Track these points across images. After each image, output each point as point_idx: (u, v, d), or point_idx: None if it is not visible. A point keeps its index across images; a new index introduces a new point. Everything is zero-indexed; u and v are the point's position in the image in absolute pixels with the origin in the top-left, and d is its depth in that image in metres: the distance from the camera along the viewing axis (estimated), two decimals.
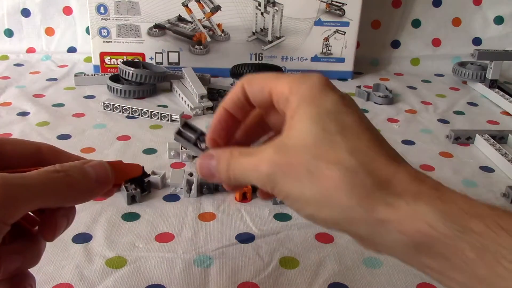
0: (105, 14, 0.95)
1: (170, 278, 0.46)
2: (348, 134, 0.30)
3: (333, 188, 0.28)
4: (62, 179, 0.29)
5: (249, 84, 0.33)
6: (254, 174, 0.31)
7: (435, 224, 0.26)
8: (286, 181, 0.30)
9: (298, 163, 0.29)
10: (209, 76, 0.96)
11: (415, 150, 0.74)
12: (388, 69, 1.11)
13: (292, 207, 0.31)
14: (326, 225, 0.30)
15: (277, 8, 0.97)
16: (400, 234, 0.27)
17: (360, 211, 0.28)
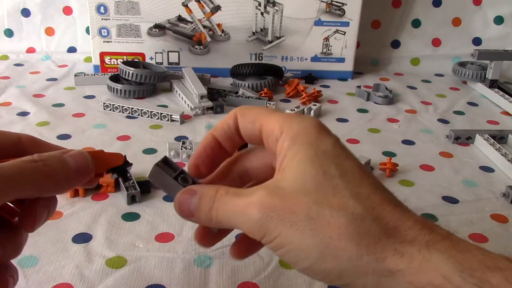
0: (105, 14, 0.95)
1: (170, 278, 0.46)
2: (350, 178, 0.28)
3: (338, 236, 0.26)
4: (39, 168, 0.28)
5: (242, 114, 0.32)
6: (241, 218, 0.28)
7: (450, 275, 0.24)
8: (281, 228, 0.27)
9: (296, 209, 0.27)
10: (209, 76, 0.96)
11: (415, 150, 0.74)
12: (388, 69, 1.11)
13: (286, 258, 0.28)
14: (327, 278, 0.28)
15: (277, 8, 0.97)
16: (411, 286, 0.25)
17: (368, 261, 0.26)
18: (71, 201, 0.56)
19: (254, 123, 0.31)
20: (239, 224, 0.29)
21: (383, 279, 0.26)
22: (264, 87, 0.90)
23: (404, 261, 0.25)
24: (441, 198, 0.61)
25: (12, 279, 0.31)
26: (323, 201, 0.27)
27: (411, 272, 0.25)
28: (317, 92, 0.90)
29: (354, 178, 0.28)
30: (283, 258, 0.28)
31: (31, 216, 0.30)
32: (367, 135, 0.78)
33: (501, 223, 0.57)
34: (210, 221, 0.30)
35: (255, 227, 0.28)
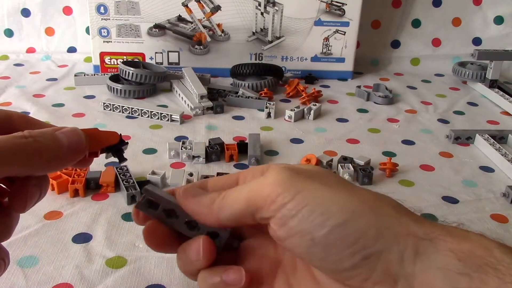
0: (105, 14, 0.95)
1: (170, 278, 0.46)
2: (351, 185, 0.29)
3: (374, 199, 0.26)
4: (29, 144, 0.26)
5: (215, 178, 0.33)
6: (257, 190, 0.27)
7: (492, 248, 0.24)
8: (307, 183, 0.26)
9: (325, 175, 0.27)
10: (209, 76, 0.96)
11: (415, 150, 0.74)
12: (388, 69, 1.11)
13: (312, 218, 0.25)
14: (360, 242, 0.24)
15: (277, 8, 0.97)
16: (451, 254, 0.24)
17: (408, 221, 0.25)
18: (71, 201, 0.56)
19: (230, 176, 0.32)
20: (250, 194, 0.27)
21: (423, 243, 0.24)
22: (264, 87, 0.90)
23: (443, 231, 0.25)
24: (441, 198, 0.61)
25: (2, 262, 0.30)
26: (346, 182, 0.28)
27: (452, 240, 0.24)
28: (317, 92, 0.90)
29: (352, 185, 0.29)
30: (304, 221, 0.25)
31: (22, 196, 0.29)
32: (367, 135, 0.78)
33: (501, 223, 0.57)
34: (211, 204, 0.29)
35: (274, 184, 0.26)
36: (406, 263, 0.24)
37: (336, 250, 0.25)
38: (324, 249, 0.25)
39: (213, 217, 0.29)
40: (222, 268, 0.30)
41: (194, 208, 0.30)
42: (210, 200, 0.29)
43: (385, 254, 0.24)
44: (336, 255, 0.25)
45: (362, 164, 0.65)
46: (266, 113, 0.82)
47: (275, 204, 0.26)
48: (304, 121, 0.82)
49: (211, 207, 0.29)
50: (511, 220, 0.57)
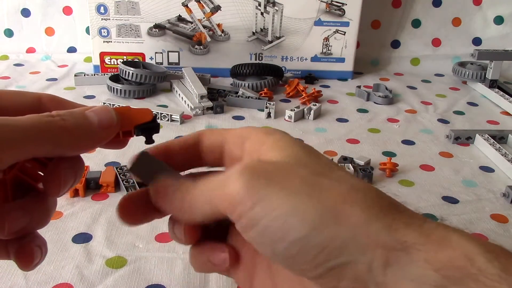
0: (105, 14, 0.95)
1: (170, 278, 0.46)
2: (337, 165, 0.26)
3: (342, 200, 0.23)
4: (56, 123, 0.25)
5: (209, 131, 0.31)
6: (220, 191, 0.25)
7: (474, 256, 0.21)
8: (269, 190, 0.23)
9: (290, 175, 0.24)
10: (209, 76, 0.96)
11: (415, 150, 0.74)
12: (388, 69, 1.11)
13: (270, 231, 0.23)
14: (323, 254, 0.22)
15: (277, 8, 0.97)
16: (427, 265, 0.21)
17: (378, 229, 0.22)
18: (71, 201, 0.56)
19: (218, 136, 0.31)
20: (214, 196, 0.25)
21: (394, 254, 0.21)
22: (264, 87, 0.90)
23: (420, 236, 0.21)
24: (441, 198, 0.61)
25: (39, 250, 0.29)
26: (321, 173, 0.24)
27: (429, 249, 0.21)
28: (317, 92, 0.90)
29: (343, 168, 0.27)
30: (264, 234, 0.23)
31: (55, 178, 0.27)
32: (367, 135, 0.78)
33: (501, 223, 0.57)
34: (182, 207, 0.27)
35: (234, 191, 0.24)
36: (375, 272, 0.22)
37: (299, 263, 0.23)
38: (287, 261, 0.24)
39: (186, 217, 0.28)
40: (209, 247, 0.30)
41: (167, 209, 0.28)
42: (180, 200, 0.27)
43: (351, 265, 0.22)
44: (299, 266, 0.24)
45: (362, 164, 0.65)
46: (266, 113, 0.82)
47: (235, 213, 0.24)
48: (304, 121, 0.82)
49: (182, 209, 0.27)
50: (511, 220, 0.57)
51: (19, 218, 0.27)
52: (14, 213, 0.27)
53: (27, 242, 0.29)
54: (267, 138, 0.28)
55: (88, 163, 0.63)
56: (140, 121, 0.30)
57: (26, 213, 0.28)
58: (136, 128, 0.30)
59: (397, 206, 0.24)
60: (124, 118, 0.29)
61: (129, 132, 0.30)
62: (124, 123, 0.29)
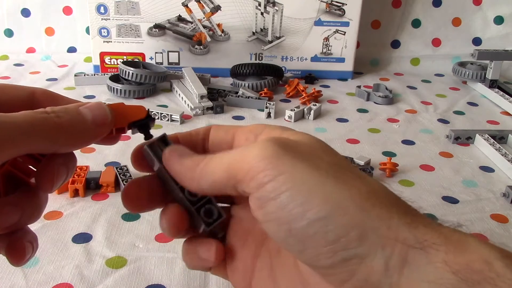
0: (105, 14, 0.95)
1: (170, 278, 0.46)
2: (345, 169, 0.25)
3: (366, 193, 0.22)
4: (50, 119, 0.25)
5: (217, 127, 0.31)
6: (239, 161, 0.24)
7: (492, 260, 0.20)
8: (293, 162, 0.23)
9: (316, 156, 0.24)
10: (209, 76, 0.96)
11: (415, 150, 0.74)
12: (388, 69, 1.11)
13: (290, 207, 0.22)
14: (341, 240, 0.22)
15: (277, 8, 0.97)
16: (445, 267, 0.21)
17: (399, 224, 0.22)
18: (71, 201, 0.56)
19: (227, 132, 0.30)
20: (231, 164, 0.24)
21: (413, 252, 0.21)
22: (264, 87, 0.90)
23: (440, 237, 0.21)
24: (441, 198, 0.61)
25: (30, 245, 0.29)
26: (345, 164, 0.24)
27: (448, 250, 0.21)
28: (317, 92, 0.90)
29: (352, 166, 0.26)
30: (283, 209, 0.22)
31: (49, 174, 0.27)
32: (367, 135, 0.78)
33: (501, 223, 0.57)
34: (194, 168, 0.26)
35: (256, 158, 0.23)
36: (392, 271, 0.21)
37: (315, 246, 0.22)
38: (302, 242, 0.23)
39: (194, 183, 0.27)
40: (199, 242, 0.30)
41: (177, 170, 0.28)
42: (194, 163, 0.27)
43: (368, 259, 0.22)
44: (314, 250, 0.22)
45: (362, 164, 0.65)
46: (266, 113, 0.82)
47: (254, 181, 0.23)
48: (304, 121, 0.82)
49: (193, 171, 0.26)
50: (511, 220, 0.57)
51: (10, 214, 0.27)
52: (5, 209, 0.27)
53: (18, 237, 0.29)
54: (283, 131, 0.27)
55: (88, 163, 0.63)
56: (134, 118, 0.30)
57: (17, 209, 0.27)
58: (130, 125, 0.30)
59: (415, 210, 0.24)
60: (118, 115, 0.29)
61: (122, 129, 0.30)
62: (118, 120, 0.29)
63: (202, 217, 0.28)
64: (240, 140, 0.29)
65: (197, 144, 0.31)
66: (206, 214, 0.29)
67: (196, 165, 0.27)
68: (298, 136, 0.27)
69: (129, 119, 0.30)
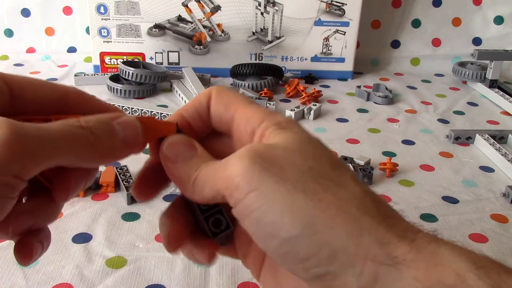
0: (105, 14, 0.95)
1: (170, 278, 0.46)
2: (342, 164, 0.25)
3: (337, 206, 0.22)
4: (85, 137, 0.24)
5: (217, 94, 0.29)
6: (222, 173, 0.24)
7: (465, 273, 0.20)
8: (265, 180, 0.23)
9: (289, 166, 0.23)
10: (209, 76, 0.96)
11: (415, 150, 0.74)
12: (388, 69, 1.11)
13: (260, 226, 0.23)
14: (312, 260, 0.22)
15: (277, 8, 0.97)
16: (416, 283, 0.21)
17: (369, 242, 0.21)
18: (71, 201, 0.56)
19: (228, 107, 0.28)
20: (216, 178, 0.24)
21: (383, 269, 0.21)
22: (264, 87, 0.90)
23: (411, 251, 0.21)
24: (441, 198, 0.61)
25: (40, 246, 0.28)
26: (321, 170, 0.23)
27: (419, 266, 0.21)
28: (317, 92, 0.90)
29: (347, 167, 0.26)
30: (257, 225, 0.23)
31: (66, 186, 0.26)
32: (367, 135, 0.78)
33: (501, 223, 0.57)
34: (189, 177, 0.26)
35: (232, 173, 0.23)
36: (364, 287, 0.22)
37: (290, 262, 0.23)
38: (279, 258, 0.24)
39: (189, 196, 0.27)
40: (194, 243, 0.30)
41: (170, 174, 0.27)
42: (187, 176, 0.26)
43: (341, 276, 0.22)
44: (290, 266, 0.23)
45: (362, 164, 0.65)
46: None
47: (232, 198, 0.24)
48: (304, 121, 0.82)
49: (186, 186, 0.26)
50: (511, 220, 0.57)
51: (25, 220, 0.27)
52: (20, 217, 0.26)
53: (29, 237, 0.28)
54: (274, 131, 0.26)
55: None
56: (163, 134, 0.28)
57: (32, 216, 0.27)
58: (159, 140, 0.29)
59: (393, 217, 0.24)
60: (148, 131, 0.28)
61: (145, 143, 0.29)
62: (147, 136, 0.28)
63: (209, 227, 0.29)
64: (238, 128, 0.28)
65: (203, 114, 0.29)
66: (214, 224, 0.29)
67: (187, 179, 0.26)
68: (281, 136, 0.25)
69: (158, 135, 0.29)
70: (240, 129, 0.27)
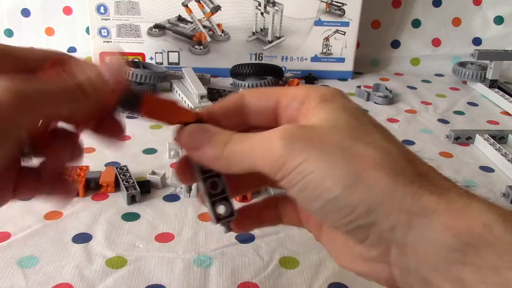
0: (105, 14, 0.95)
1: (170, 278, 0.46)
2: (380, 128, 0.28)
3: (373, 167, 0.25)
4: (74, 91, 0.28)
5: (251, 92, 0.31)
6: (259, 148, 0.26)
7: (492, 224, 0.23)
8: (308, 153, 0.25)
9: (327, 139, 0.26)
10: (209, 76, 0.96)
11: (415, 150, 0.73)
12: (388, 69, 1.11)
13: (308, 191, 0.26)
14: (352, 214, 0.25)
15: (277, 8, 0.97)
16: (445, 231, 0.23)
17: (403, 195, 0.24)
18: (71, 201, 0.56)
19: (268, 97, 0.30)
20: (254, 157, 0.27)
21: (416, 219, 0.24)
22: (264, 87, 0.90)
23: (442, 202, 0.24)
24: None
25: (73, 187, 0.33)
26: (357, 137, 0.26)
27: (449, 216, 0.23)
28: None
29: (382, 129, 0.28)
30: (303, 192, 0.26)
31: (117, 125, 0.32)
32: None
33: None
34: (217, 157, 0.28)
35: (275, 155, 0.26)
36: (398, 233, 0.24)
37: (332, 219, 0.26)
38: (322, 216, 0.27)
39: (222, 170, 0.29)
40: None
41: (199, 159, 0.29)
42: (216, 152, 0.28)
43: (377, 224, 0.25)
44: (332, 222, 0.26)
45: None
46: None
47: (278, 175, 0.26)
48: None
49: (218, 161, 0.28)
50: None
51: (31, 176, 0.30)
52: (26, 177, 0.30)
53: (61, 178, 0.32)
54: (317, 105, 0.28)
55: (88, 163, 0.63)
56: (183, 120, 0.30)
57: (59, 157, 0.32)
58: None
59: (427, 174, 0.26)
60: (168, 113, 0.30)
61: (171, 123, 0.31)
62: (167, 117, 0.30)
63: (214, 211, 0.31)
64: (286, 108, 0.30)
65: (231, 113, 0.31)
66: (220, 209, 0.31)
67: (218, 155, 0.28)
68: (322, 112, 0.28)
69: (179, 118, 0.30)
70: (288, 110, 0.29)
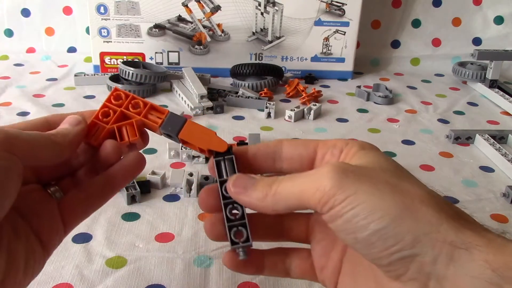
0: (105, 14, 0.95)
1: (170, 278, 0.46)
2: (412, 175, 0.30)
3: (419, 201, 0.27)
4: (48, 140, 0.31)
5: (291, 141, 0.33)
6: (310, 187, 0.28)
7: None
8: (357, 186, 0.27)
9: (375, 176, 0.28)
10: (209, 76, 0.96)
11: (415, 150, 0.74)
12: (388, 69, 1.11)
13: (357, 220, 0.27)
14: (398, 244, 0.26)
15: (277, 8, 0.97)
16: (486, 265, 0.24)
17: (447, 229, 0.26)
18: None
19: (307, 145, 0.33)
20: (302, 192, 0.28)
21: (458, 252, 0.25)
22: (264, 87, 0.90)
23: (483, 240, 0.25)
24: None
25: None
26: (401, 177, 0.29)
27: (489, 251, 0.25)
28: (317, 92, 0.90)
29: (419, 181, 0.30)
30: (349, 223, 0.27)
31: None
32: (367, 135, 0.78)
33: (501, 223, 0.57)
34: (264, 198, 0.30)
35: (326, 187, 0.27)
36: (439, 266, 0.26)
37: (376, 250, 0.27)
38: (366, 247, 0.27)
39: (268, 210, 0.30)
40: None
41: (246, 202, 0.31)
42: (261, 193, 0.30)
43: (419, 257, 0.26)
44: (376, 253, 0.27)
45: None
46: (266, 113, 0.82)
47: (326, 206, 0.28)
48: (304, 121, 0.82)
49: (263, 201, 0.30)
50: (511, 220, 0.57)
51: None
52: None
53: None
54: (358, 151, 0.31)
55: None
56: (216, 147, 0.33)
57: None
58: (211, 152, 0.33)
59: (465, 215, 0.28)
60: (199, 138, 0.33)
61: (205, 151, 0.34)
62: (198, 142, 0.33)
63: (230, 236, 0.31)
64: (324, 155, 0.32)
65: (267, 157, 0.33)
66: (236, 235, 0.32)
67: (264, 195, 0.30)
68: (366, 155, 0.31)
69: (211, 146, 0.33)
70: (325, 157, 0.32)
